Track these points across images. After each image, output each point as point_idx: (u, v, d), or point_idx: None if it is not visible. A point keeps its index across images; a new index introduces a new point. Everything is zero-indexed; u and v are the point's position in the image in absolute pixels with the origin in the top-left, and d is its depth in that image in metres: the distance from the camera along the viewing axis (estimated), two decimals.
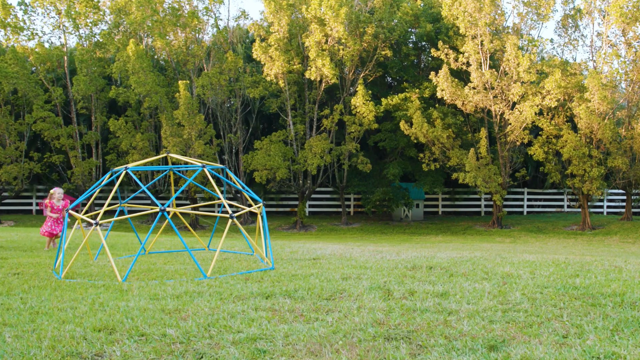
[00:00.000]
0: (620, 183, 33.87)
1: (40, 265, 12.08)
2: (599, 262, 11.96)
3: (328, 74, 33.51)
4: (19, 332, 6.28)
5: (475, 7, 32.49)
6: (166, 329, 6.40)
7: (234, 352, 5.54)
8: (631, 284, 9.12)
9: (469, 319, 6.83)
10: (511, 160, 35.06)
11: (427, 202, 42.58)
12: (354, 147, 35.37)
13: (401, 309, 7.39)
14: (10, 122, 35.51)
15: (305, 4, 34.49)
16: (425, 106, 35.97)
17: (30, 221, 36.26)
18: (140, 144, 35.15)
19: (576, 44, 35.45)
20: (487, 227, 35.57)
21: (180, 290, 8.87)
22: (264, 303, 7.83)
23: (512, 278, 9.68)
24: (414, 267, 10.95)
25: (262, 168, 34.24)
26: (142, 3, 35.04)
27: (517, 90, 32.14)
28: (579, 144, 31.97)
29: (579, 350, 5.56)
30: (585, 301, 7.80)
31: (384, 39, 35.07)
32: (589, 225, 33.65)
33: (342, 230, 35.50)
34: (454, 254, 14.17)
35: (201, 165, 11.99)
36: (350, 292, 8.52)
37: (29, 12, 36.46)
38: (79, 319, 6.90)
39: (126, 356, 5.47)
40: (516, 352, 5.49)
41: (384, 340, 5.96)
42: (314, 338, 6.00)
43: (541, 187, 44.66)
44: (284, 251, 14.70)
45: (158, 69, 38.39)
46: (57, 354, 5.52)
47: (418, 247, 20.08)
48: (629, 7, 31.05)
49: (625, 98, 33.65)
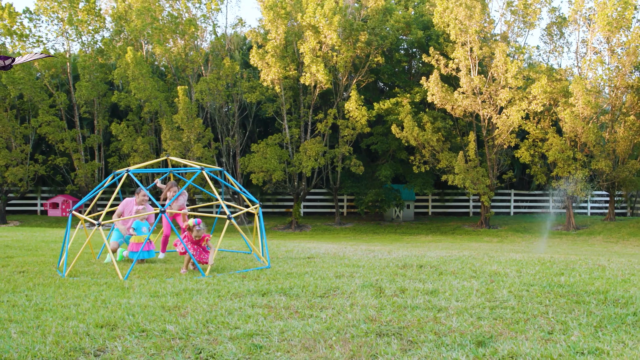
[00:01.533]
0: (603, 185, 33.92)
1: (45, 263, 12.06)
2: (583, 261, 11.98)
3: (322, 79, 33.54)
4: (24, 328, 6.28)
5: (466, 15, 32.52)
6: (166, 325, 6.39)
7: (231, 348, 5.54)
8: (614, 282, 9.14)
9: (458, 315, 6.84)
10: (498, 163, 35.10)
11: (417, 203, 42.58)
12: (347, 150, 35.39)
13: (392, 306, 7.39)
14: (16, 126, 35.46)
15: (300, 12, 34.50)
16: (415, 110, 35.99)
17: (35, 221, 36.19)
18: (141, 147, 35.11)
19: (561, 51, 35.52)
20: (475, 227, 35.60)
21: (180, 287, 8.87)
22: (260, 300, 7.83)
23: (499, 276, 9.70)
24: (405, 266, 10.96)
25: (258, 170, 34.24)
26: (142, 11, 35.00)
27: (505, 96, 32.18)
28: (563, 147, 32.02)
29: (563, 345, 5.57)
30: (570, 299, 7.81)
31: (376, 46, 35.09)
32: (574, 225, 33.71)
33: (335, 230, 35.49)
34: (444, 253, 14.18)
35: (200, 168, 11.99)
36: (343, 289, 8.53)
37: (34, 20, 36.46)
38: (82, 316, 6.89)
39: (127, 351, 5.47)
40: (503, 347, 5.50)
41: (376, 336, 5.96)
42: (308, 334, 6.01)
43: (527, 188, 44.72)
44: (280, 250, 14.70)
45: (158, 75, 38.36)
46: (61, 349, 5.51)
47: (409, 247, 20.09)
48: (613, 16, 31.13)
49: (608, 103, 33.73)
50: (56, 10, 36.19)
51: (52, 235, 20.84)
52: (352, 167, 35.37)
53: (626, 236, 29.94)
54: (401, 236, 32.77)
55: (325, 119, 35.50)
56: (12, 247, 15.45)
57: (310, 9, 33.58)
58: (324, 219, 39.43)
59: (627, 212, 41.77)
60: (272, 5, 34.05)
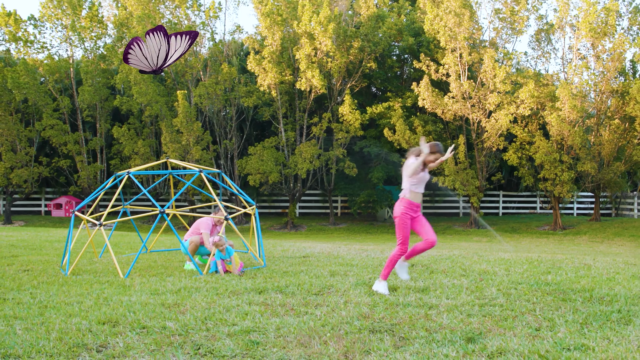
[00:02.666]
0: (589, 186, 33.93)
1: (49, 262, 12.05)
2: (570, 260, 12.01)
3: (317, 84, 33.54)
4: (29, 325, 6.28)
5: (455, 22, 32.55)
6: (166, 322, 6.40)
7: (229, 344, 5.54)
8: (599, 280, 9.17)
9: (448, 312, 6.86)
10: (487, 165, 35.11)
11: None
12: (341, 153, 35.38)
13: (385, 303, 7.41)
14: (21, 129, 35.39)
15: (296, 20, 34.50)
16: (407, 114, 36.01)
17: (39, 221, 36.12)
18: (141, 150, 35.06)
19: (548, 57, 35.51)
20: (465, 227, 35.59)
21: (179, 285, 8.87)
22: (257, 298, 7.84)
23: (488, 275, 9.72)
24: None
25: (255, 172, 34.22)
26: (143, 18, 34.94)
27: (494, 100, 32.21)
28: (550, 150, 32.05)
29: (550, 342, 5.58)
30: (557, 296, 7.83)
31: (369, 52, 35.10)
32: (560, 225, 33.73)
33: (329, 230, 35.49)
34: (434, 252, 14.20)
35: (198, 170, 11.98)
36: (337, 287, 8.54)
37: (38, 27, 36.42)
38: (84, 313, 6.90)
39: (129, 347, 5.47)
40: (492, 343, 5.51)
41: (369, 333, 5.97)
42: (303, 330, 6.01)
43: (515, 190, 44.74)
44: (276, 249, 14.70)
45: (158, 80, 38.30)
46: (64, 345, 5.52)
47: None
48: (597, 23, 31.17)
49: (594, 107, 33.73)
50: (60, 17, 36.15)
51: (55, 235, 20.80)
52: (345, 169, 35.37)
53: (611, 236, 29.98)
54: (393, 236, 32.75)
55: (320, 123, 35.50)
56: (17, 247, 15.44)
57: (306, 17, 33.58)
58: (318, 220, 39.43)
59: (612, 213, 41.77)
60: (268, 12, 34.07)
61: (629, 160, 33.17)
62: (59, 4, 35.85)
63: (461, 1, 32.62)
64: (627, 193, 40.50)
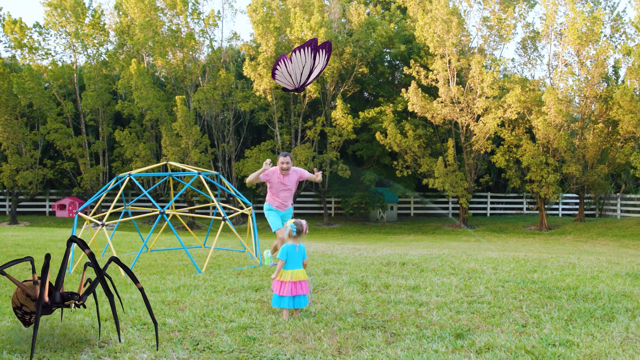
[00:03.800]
0: (574, 188, 33.98)
1: (53, 261, 12.01)
2: (555, 259, 12.02)
3: (311, 89, 33.62)
4: None
5: (444, 29, 32.60)
6: (166, 318, 6.39)
7: (226, 340, 5.54)
8: (583, 278, 9.18)
9: (438, 309, 6.86)
10: (476, 167, 35.14)
11: (400, 204, 42.53)
12: (335, 156, 35.41)
13: (377, 300, 7.40)
14: (26, 133, 35.38)
15: (289, 27, 34.54)
16: (398, 119, 36.05)
17: (44, 221, 36.02)
18: (142, 153, 35.05)
19: (535, 63, 35.61)
20: (454, 227, 35.60)
21: (179, 283, 8.86)
22: (253, 295, 7.83)
23: (476, 273, 9.72)
24: (389, 263, 10.97)
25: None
26: (144, 26, 34.94)
27: (481, 104, 32.25)
28: (536, 153, 32.09)
29: (536, 338, 5.59)
30: (542, 294, 7.84)
31: (361, 58, 35.14)
32: (546, 225, 33.76)
33: (323, 230, 35.46)
34: (425, 251, 14.20)
35: (197, 172, 11.98)
36: (331, 285, 8.53)
37: (43, 34, 36.40)
38: (87, 310, 6.88)
39: (130, 343, 5.46)
40: (480, 339, 5.51)
41: (362, 329, 5.97)
42: (298, 327, 6.01)
43: (503, 191, 44.80)
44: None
45: (158, 85, 38.31)
46: (68, 340, 5.51)
47: (392, 245, 20.10)
48: (583, 30, 31.21)
49: (578, 111, 33.79)
50: (64, 25, 36.13)
51: (59, 235, 20.77)
52: (339, 171, 35.37)
53: (595, 236, 30.01)
54: (385, 236, 32.77)
55: (314, 127, 35.53)
56: (23, 246, 15.40)
57: (298, 24, 33.63)
58: (313, 220, 39.39)
59: (595, 214, 41.82)
60: (261, 20, 34.12)
61: (612, 163, 33.26)
62: (63, 12, 35.84)
63: (449, 8, 32.72)
64: (611, 194, 40.59)
